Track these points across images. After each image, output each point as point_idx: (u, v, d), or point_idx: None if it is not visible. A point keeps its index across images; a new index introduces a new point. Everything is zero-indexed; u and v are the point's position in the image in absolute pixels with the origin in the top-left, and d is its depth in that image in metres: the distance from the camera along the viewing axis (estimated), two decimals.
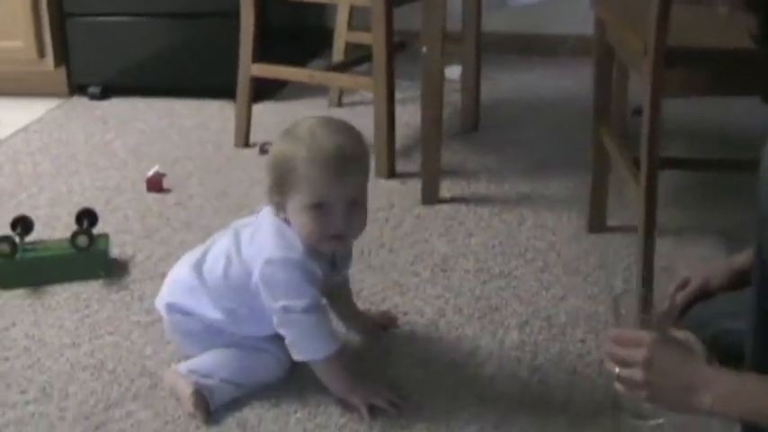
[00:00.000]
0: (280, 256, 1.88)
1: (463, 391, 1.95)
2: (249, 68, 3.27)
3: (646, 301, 1.79)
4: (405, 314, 2.25)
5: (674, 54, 2.05)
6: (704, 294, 1.94)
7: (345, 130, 1.89)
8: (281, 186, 1.87)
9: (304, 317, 1.86)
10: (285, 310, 1.87)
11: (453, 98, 3.57)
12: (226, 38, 3.51)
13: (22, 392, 1.97)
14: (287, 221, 1.90)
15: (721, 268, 1.95)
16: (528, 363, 2.05)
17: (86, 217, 2.54)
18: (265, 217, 1.95)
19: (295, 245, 1.88)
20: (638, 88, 2.17)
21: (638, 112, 2.23)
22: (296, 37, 4.17)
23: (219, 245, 2.00)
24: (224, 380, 1.93)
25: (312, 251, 1.89)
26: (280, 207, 1.90)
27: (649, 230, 2.17)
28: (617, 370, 1.64)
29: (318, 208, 1.84)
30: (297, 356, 1.92)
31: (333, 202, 1.84)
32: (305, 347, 1.90)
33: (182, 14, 3.84)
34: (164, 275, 2.41)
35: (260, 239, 1.93)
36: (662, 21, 2.01)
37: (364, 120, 2.84)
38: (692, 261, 2.37)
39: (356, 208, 1.87)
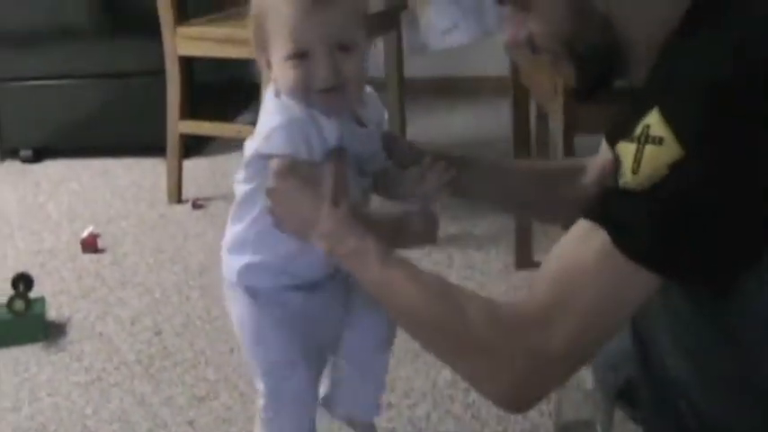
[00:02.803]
0: (278, 121, 1.53)
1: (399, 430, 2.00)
2: (177, 126, 3.32)
3: None
4: None
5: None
6: None
7: None
8: (261, 43, 1.56)
9: None
10: None
11: None
12: (154, 96, 3.55)
13: None
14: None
15: None
16: (461, 400, 2.11)
17: (22, 281, 2.56)
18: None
19: (292, 106, 1.53)
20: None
21: None
22: (223, 92, 4.22)
23: None
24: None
25: (315, 111, 1.53)
26: (269, 69, 1.58)
27: None
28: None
29: (298, 56, 1.51)
30: None
31: (314, 47, 1.51)
32: None
33: (108, 75, 3.89)
34: (101, 335, 2.46)
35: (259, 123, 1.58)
36: None
37: None
38: None
39: (347, 55, 1.53)
